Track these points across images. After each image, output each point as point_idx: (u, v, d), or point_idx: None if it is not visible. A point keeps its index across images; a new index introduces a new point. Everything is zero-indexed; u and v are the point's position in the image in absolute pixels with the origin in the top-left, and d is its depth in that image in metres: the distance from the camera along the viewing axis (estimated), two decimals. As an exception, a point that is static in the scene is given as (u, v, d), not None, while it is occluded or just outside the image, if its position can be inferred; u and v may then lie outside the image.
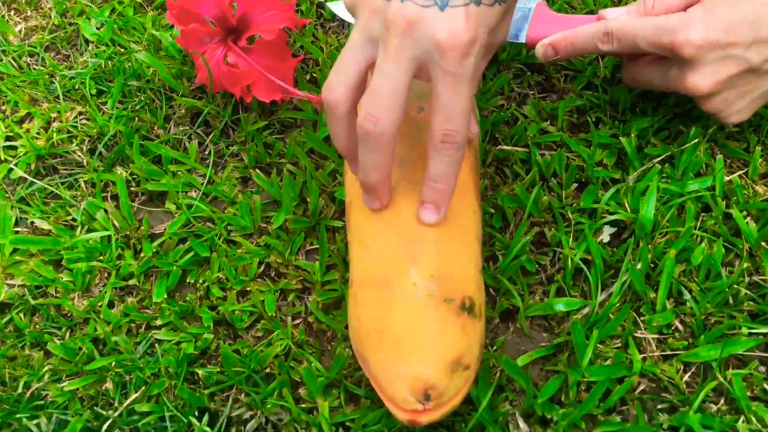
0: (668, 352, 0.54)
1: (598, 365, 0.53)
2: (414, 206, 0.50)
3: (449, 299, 0.47)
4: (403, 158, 0.52)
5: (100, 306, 0.58)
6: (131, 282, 0.60)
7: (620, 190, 0.60)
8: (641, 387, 0.53)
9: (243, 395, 0.54)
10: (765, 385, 0.52)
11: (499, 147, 0.64)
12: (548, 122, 0.66)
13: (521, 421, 0.52)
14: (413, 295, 0.47)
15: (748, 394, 0.52)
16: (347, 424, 0.53)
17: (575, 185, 0.62)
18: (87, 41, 0.74)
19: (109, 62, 0.71)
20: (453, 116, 0.45)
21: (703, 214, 0.60)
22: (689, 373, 0.53)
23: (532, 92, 0.69)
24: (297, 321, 0.58)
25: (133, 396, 0.54)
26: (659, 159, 0.62)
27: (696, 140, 0.62)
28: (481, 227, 0.54)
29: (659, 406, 0.53)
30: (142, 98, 0.68)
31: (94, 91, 0.70)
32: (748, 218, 0.59)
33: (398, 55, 0.44)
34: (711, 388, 0.52)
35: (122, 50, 0.72)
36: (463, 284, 0.49)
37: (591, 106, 0.67)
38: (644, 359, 0.54)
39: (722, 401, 0.52)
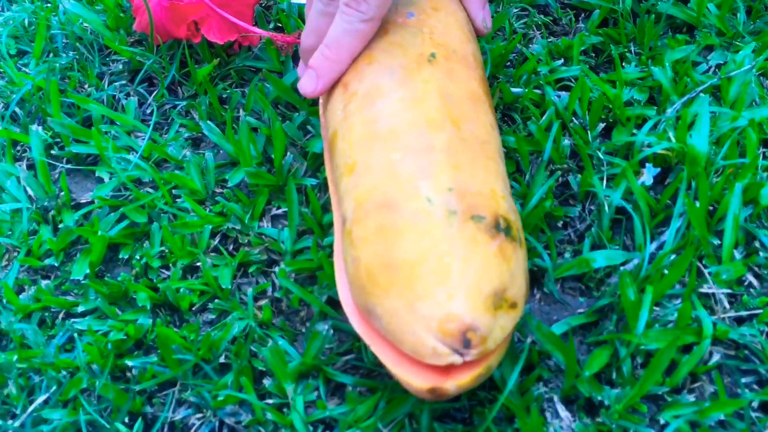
0: (744, 313, 0.42)
1: (657, 330, 0.40)
2: (411, 118, 0.38)
3: (477, 216, 0.34)
4: (392, 67, 0.40)
5: (3, 291, 0.45)
6: (47, 262, 0.47)
7: (659, 126, 0.49)
8: (716, 357, 0.40)
9: (189, 392, 0.41)
10: None
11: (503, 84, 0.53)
12: (561, 62, 0.55)
13: (561, 408, 0.39)
14: (429, 214, 0.34)
15: None
16: (329, 422, 0.39)
17: (602, 126, 0.50)
18: (9, 1, 0.62)
19: (33, 17, 0.59)
20: None
21: (764, 149, 0.48)
22: (776, 337, 0.41)
23: (539, 32, 0.58)
24: (261, 301, 0.45)
25: (42, 398, 0.40)
26: (703, 87, 0.51)
27: (746, 67, 0.51)
28: (501, 146, 0.42)
29: (744, 380, 0.40)
30: (71, 55, 0.57)
31: (13, 51, 0.58)
32: (819, 152, 0.47)
33: None
34: (809, 352, 0.39)
35: (48, 5, 0.60)
36: (493, 201, 0.36)
37: (611, 42, 0.56)
38: (715, 322, 0.41)
39: (825, 370, 0.39)
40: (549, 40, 0.57)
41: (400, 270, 0.33)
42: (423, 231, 0.34)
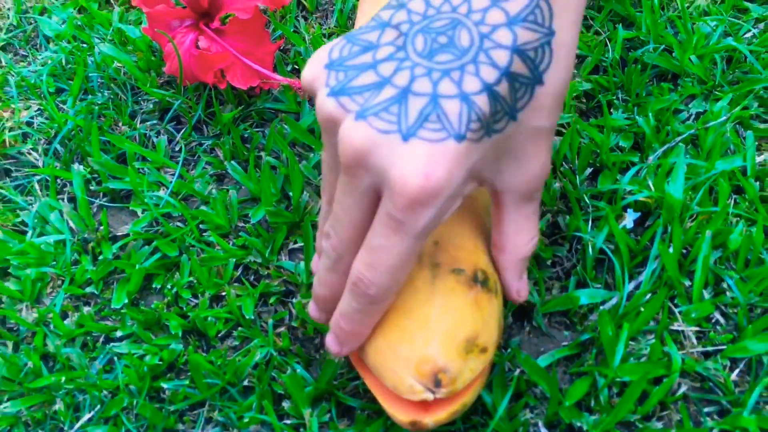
0: (710, 348, 0.47)
1: (632, 364, 0.45)
2: None
3: (458, 269, 0.40)
4: None
5: (51, 317, 0.50)
6: (88, 290, 0.52)
7: (641, 172, 0.54)
8: (683, 388, 0.45)
9: (216, 412, 0.46)
10: (827, 381, 0.45)
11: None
12: (555, 107, 0.60)
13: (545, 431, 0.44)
14: (415, 271, 0.40)
15: (809, 391, 0.44)
16: (340, 441, 0.45)
17: (589, 172, 0.56)
18: (48, 39, 0.67)
19: (71, 57, 0.64)
20: (376, 265, 0.36)
21: (735, 196, 0.53)
22: (737, 371, 0.46)
23: (535, 78, 0.63)
24: (280, 328, 0.50)
25: (87, 416, 0.46)
26: (681, 138, 0.56)
27: (722, 118, 0.56)
28: (489, 199, 0.46)
29: (706, 409, 0.45)
30: (106, 94, 0.62)
31: (52, 89, 0.63)
32: (787, 199, 0.52)
33: (348, 186, 0.36)
34: (765, 385, 0.44)
35: (85, 46, 0.66)
36: (473, 255, 0.41)
37: (600, 90, 0.61)
38: (684, 356, 0.46)
39: (779, 401, 0.44)
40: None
41: (387, 314, 0.39)
42: (409, 281, 0.39)
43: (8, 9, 0.71)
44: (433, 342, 0.38)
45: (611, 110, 0.59)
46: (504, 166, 0.38)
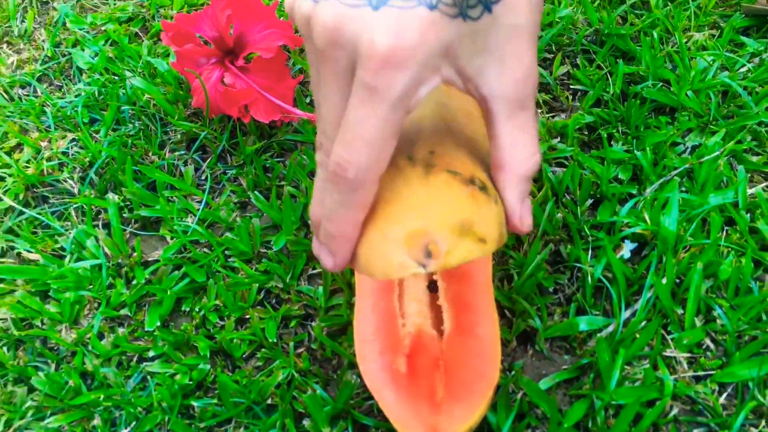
0: (701, 373, 0.50)
1: (627, 387, 0.49)
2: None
3: (453, 171, 0.38)
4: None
5: (89, 337, 0.55)
6: (122, 312, 0.56)
7: (639, 204, 0.57)
8: (674, 410, 0.49)
9: (242, 429, 0.50)
10: (808, 405, 0.48)
11: (509, 165, 0.61)
12: (558, 140, 0.63)
13: (546, 450, 0.48)
14: (408, 170, 0.38)
15: (791, 414, 0.48)
16: (356, 457, 0.49)
17: (590, 202, 0.59)
18: (80, 71, 0.72)
19: (103, 89, 0.68)
20: (352, 141, 0.35)
21: (726, 227, 0.57)
22: (725, 395, 0.49)
23: (540, 110, 0.66)
24: (300, 349, 0.54)
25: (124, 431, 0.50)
26: (677, 172, 0.59)
27: (716, 153, 0.59)
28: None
29: (695, 431, 0.48)
30: (137, 125, 0.66)
31: (86, 119, 0.67)
32: (775, 231, 0.56)
33: (327, 73, 0.36)
34: (750, 409, 0.48)
35: (116, 78, 0.70)
36: (471, 167, 0.40)
37: (602, 123, 0.64)
38: (675, 380, 0.50)
39: (763, 423, 0.48)
40: (550, 116, 0.66)
41: (378, 207, 0.37)
42: (402, 179, 0.38)
43: (43, 41, 0.75)
44: (424, 219, 0.36)
45: (612, 143, 0.63)
46: (486, 67, 0.37)
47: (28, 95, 0.71)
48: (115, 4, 0.77)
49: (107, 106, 0.67)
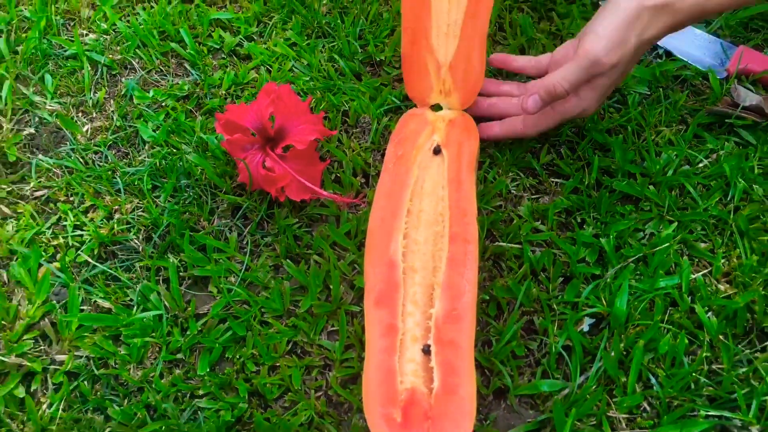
0: (637, 430, 0.63)
1: (575, 440, 0.62)
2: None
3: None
4: None
5: (152, 376, 0.69)
6: (179, 356, 0.70)
7: (599, 286, 0.70)
8: (612, 460, 0.62)
9: (272, 458, 0.64)
10: (719, 461, 0.61)
11: (496, 243, 0.74)
12: (539, 221, 0.76)
13: (508, 487, 0.61)
14: None
15: (704, 468, 0.61)
16: (360, 485, 0.62)
17: (561, 279, 0.72)
18: (144, 141, 0.85)
19: (163, 161, 0.82)
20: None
21: (671, 308, 0.69)
22: (654, 449, 0.62)
23: (526, 194, 0.79)
24: (319, 393, 0.68)
25: (180, 456, 0.64)
26: (634, 258, 0.72)
27: (667, 243, 0.72)
28: None
29: (627, 478, 0.61)
30: (191, 193, 0.80)
31: (149, 186, 0.81)
32: (710, 313, 0.68)
33: None
34: (672, 462, 0.61)
35: (174, 150, 0.84)
36: None
37: (577, 208, 0.77)
38: (615, 436, 0.63)
39: (681, 474, 0.61)
40: (535, 197, 0.79)
41: None
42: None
43: (112, 111, 0.89)
44: None
45: (584, 226, 0.76)
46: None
47: (100, 161, 0.85)
48: (174, 81, 0.91)
49: (166, 175, 0.81)
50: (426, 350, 0.64)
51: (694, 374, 0.64)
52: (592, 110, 0.76)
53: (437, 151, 0.76)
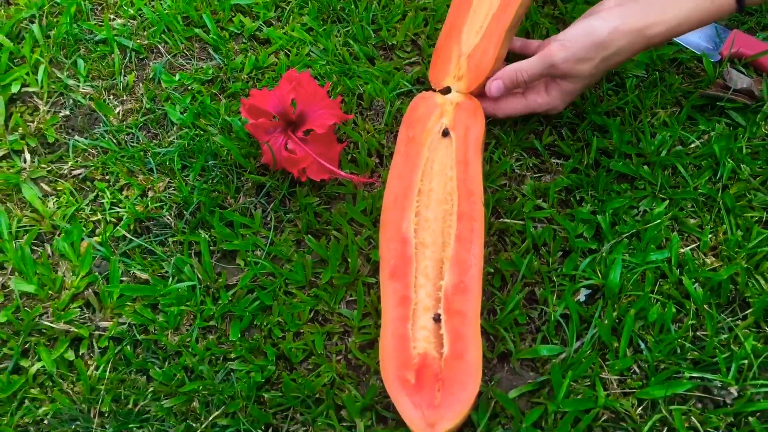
0: (626, 390, 0.70)
1: (571, 399, 0.69)
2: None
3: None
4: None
5: (189, 341, 0.76)
6: (211, 323, 0.77)
7: (595, 259, 0.77)
8: (604, 417, 0.69)
9: (298, 415, 0.71)
10: (700, 418, 0.68)
11: (501, 220, 0.81)
12: (541, 199, 0.82)
13: (510, 441, 0.69)
14: None
15: (686, 425, 0.68)
16: (378, 439, 0.70)
17: (560, 253, 0.78)
18: (172, 123, 0.91)
19: (191, 142, 0.88)
20: None
21: (661, 280, 0.76)
22: (641, 407, 0.69)
23: (529, 173, 0.85)
24: (339, 357, 0.75)
25: (216, 413, 0.71)
26: (628, 234, 0.78)
27: (659, 220, 0.78)
28: None
29: (616, 432, 0.69)
30: (218, 173, 0.86)
31: (179, 166, 0.87)
32: (696, 284, 0.75)
33: None
34: (657, 419, 0.68)
35: (202, 132, 0.90)
36: None
37: (576, 186, 0.83)
38: (607, 395, 0.70)
39: (665, 430, 0.68)
40: (537, 176, 0.85)
41: None
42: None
43: (142, 94, 0.95)
44: None
45: (582, 204, 0.82)
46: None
47: (132, 141, 0.91)
48: (198, 65, 0.96)
49: (195, 156, 0.87)
50: (436, 319, 0.71)
51: (679, 340, 0.71)
52: (560, 109, 0.85)
53: (446, 133, 0.82)
